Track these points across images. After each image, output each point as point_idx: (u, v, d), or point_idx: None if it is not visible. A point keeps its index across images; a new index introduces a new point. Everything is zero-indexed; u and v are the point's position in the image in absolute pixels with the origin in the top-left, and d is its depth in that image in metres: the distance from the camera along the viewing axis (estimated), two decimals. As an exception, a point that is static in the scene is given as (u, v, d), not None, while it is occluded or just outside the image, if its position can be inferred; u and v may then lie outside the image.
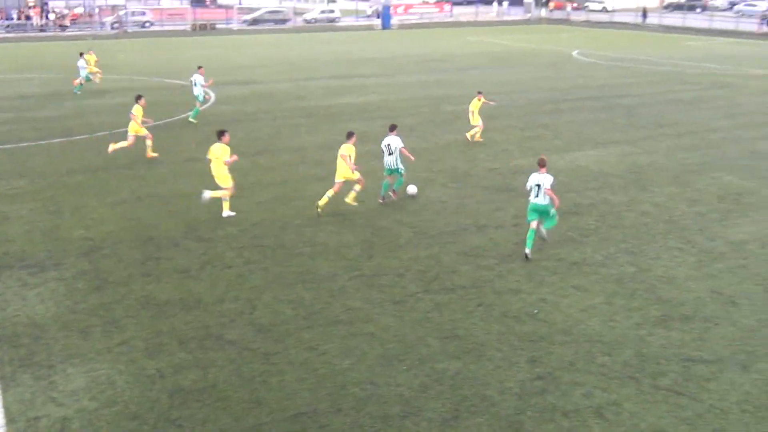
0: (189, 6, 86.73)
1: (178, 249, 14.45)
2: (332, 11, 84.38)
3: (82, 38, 63.01)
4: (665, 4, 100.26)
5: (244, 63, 45.39)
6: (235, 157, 16.14)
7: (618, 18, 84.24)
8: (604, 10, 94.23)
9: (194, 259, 13.91)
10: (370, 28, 76.53)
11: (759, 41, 61.68)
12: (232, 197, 16.26)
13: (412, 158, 17.75)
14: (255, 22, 76.97)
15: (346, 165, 16.38)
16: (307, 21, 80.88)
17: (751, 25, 72.18)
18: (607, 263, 13.74)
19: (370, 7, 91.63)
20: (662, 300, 12.19)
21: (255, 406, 9.24)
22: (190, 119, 26.66)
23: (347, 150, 16.35)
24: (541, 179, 13.82)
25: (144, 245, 14.64)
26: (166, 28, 72.67)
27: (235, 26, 74.32)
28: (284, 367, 10.16)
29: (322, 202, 16.47)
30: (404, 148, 17.29)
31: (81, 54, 34.54)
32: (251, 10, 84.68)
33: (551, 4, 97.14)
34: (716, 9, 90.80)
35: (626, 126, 26.13)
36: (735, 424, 8.91)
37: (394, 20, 78.43)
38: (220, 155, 16.02)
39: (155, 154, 21.46)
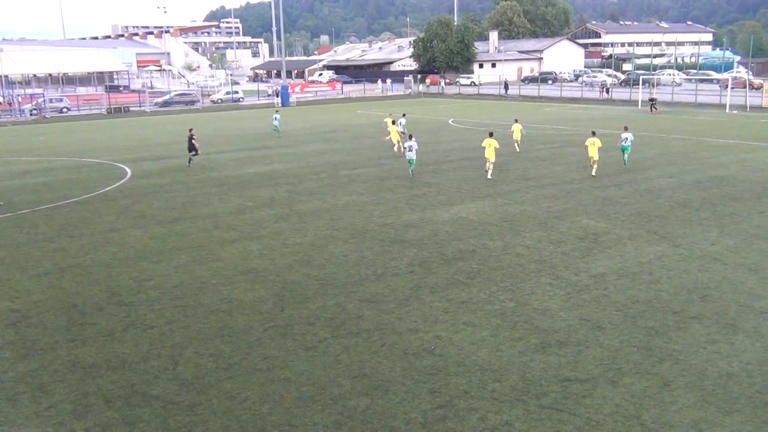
0: (104, 92, 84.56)
1: (101, 314, 13.78)
2: (237, 92, 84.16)
3: (2, 125, 60.32)
4: (522, 77, 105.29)
5: (157, 140, 44.45)
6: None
7: (484, 90, 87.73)
8: (473, 84, 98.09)
9: (118, 322, 13.29)
10: (271, 106, 76.60)
11: (601, 106, 65.35)
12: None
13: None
14: (166, 104, 75.75)
15: (493, 151, 26.83)
16: (214, 101, 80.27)
17: (593, 93, 76.55)
18: (491, 300, 13.99)
19: (270, 87, 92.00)
20: (540, 329, 12.46)
21: (182, 456, 8.80)
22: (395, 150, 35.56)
23: (494, 143, 26.78)
24: (628, 134, 28.21)
25: (69, 312, 13.89)
26: (82, 112, 70.46)
27: (147, 108, 72.89)
28: (208, 417, 9.75)
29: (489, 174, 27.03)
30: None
31: (276, 111, 47.58)
32: (162, 93, 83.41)
33: (428, 81, 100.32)
34: (564, 80, 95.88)
35: (498, 181, 26.96)
36: (609, 433, 9.12)
37: (293, 98, 78.93)
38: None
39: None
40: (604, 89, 75.10)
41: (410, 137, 28.58)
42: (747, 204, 22.09)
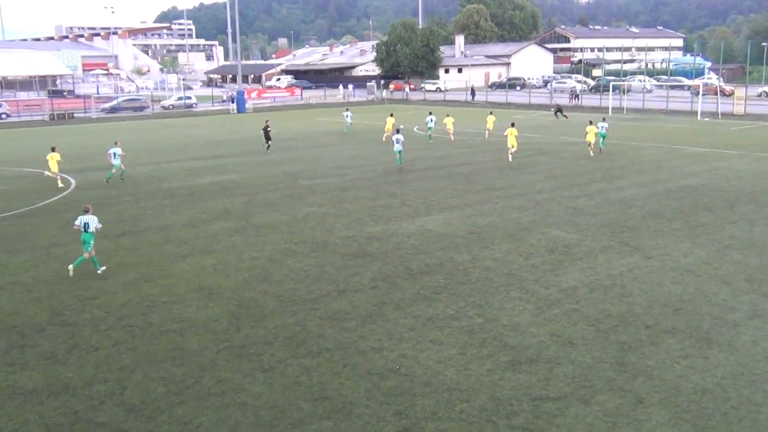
0: (46, 97, 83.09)
1: (43, 335, 13.47)
2: (189, 98, 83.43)
3: (-66, 131, 58.88)
4: (490, 83, 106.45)
5: (104, 149, 43.57)
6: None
7: (451, 97, 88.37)
8: (439, 90, 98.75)
9: (60, 344, 13.01)
10: (226, 112, 76.15)
11: (570, 113, 66.23)
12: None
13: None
14: (113, 110, 74.76)
15: (514, 138, 33.87)
16: (165, 108, 79.43)
17: (563, 100, 77.65)
18: (458, 316, 14.04)
19: (225, 93, 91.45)
20: (509, 346, 12.54)
21: (130, 488, 8.62)
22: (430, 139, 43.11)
23: (514, 132, 34.02)
24: (605, 124, 36.48)
25: (7, 334, 13.55)
26: (23, 118, 69.12)
27: (93, 115, 71.81)
28: (158, 445, 9.58)
29: (510, 155, 34.33)
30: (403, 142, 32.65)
31: (346, 109, 56.46)
32: (109, 98, 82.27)
33: (392, 86, 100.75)
34: (533, 86, 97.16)
35: (465, 191, 27.16)
36: (582, 453, 9.19)
37: (249, 104, 78.54)
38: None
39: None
40: (574, 96, 76.26)
41: (398, 131, 33.67)
42: (719, 214, 22.59)
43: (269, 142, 40.97)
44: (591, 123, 36.42)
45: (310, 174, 32.09)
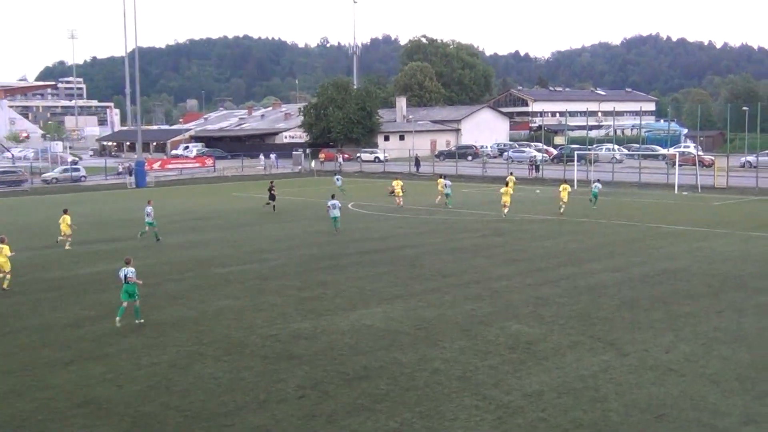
0: None
1: None
2: (77, 169, 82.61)
3: None
4: (437, 152, 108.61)
5: (-31, 232, 42.66)
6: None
7: (392, 168, 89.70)
8: (377, 159, 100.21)
9: None
10: (122, 186, 75.54)
11: (531, 186, 67.86)
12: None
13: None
14: (-18, 184, 73.46)
15: (509, 194, 43.02)
16: (47, 181, 78.46)
17: (522, 171, 79.63)
18: (403, 430, 13.89)
19: (121, 164, 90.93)
20: (464, 465, 12.43)
21: None
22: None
23: (508, 190, 43.58)
24: (597, 183, 49.57)
25: None
26: None
27: (-43, 190, 70.35)
28: None
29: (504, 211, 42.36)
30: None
31: (336, 173, 68.67)
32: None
33: (322, 156, 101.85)
34: (488, 156, 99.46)
35: (410, 279, 27.28)
36: None
37: (150, 177, 78.17)
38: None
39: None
40: (534, 166, 78.36)
41: (332, 196, 39.80)
42: (704, 302, 23.20)
43: (273, 203, 48.03)
44: (565, 182, 47.50)
45: (224, 260, 31.82)
